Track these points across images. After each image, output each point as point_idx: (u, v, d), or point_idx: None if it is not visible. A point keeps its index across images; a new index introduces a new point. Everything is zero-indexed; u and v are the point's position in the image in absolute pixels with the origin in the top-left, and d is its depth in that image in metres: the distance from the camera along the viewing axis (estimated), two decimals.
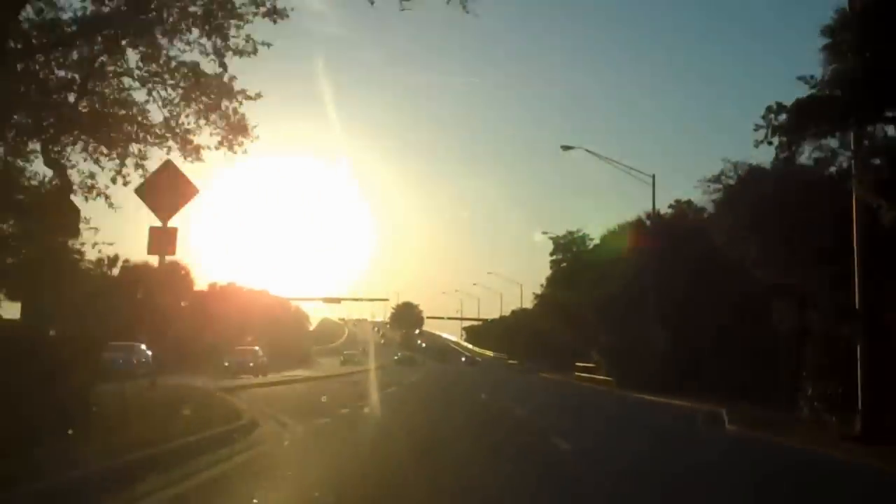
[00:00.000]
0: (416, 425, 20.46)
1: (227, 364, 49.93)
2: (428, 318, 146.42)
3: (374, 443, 16.26)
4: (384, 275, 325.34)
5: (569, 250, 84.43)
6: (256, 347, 56.30)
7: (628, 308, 48.83)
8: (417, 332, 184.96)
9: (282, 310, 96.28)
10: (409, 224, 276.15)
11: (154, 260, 18.02)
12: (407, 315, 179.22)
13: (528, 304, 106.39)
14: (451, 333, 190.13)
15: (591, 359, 71.22)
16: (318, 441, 16.47)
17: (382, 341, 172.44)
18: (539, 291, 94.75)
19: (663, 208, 52.84)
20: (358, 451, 14.67)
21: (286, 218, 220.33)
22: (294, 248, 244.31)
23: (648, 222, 50.16)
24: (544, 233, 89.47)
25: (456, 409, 28.08)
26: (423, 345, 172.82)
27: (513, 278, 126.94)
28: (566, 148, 47.99)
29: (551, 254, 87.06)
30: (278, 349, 74.81)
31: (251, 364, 51.11)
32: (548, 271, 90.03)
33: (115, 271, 59.33)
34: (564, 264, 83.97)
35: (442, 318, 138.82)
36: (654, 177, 46.92)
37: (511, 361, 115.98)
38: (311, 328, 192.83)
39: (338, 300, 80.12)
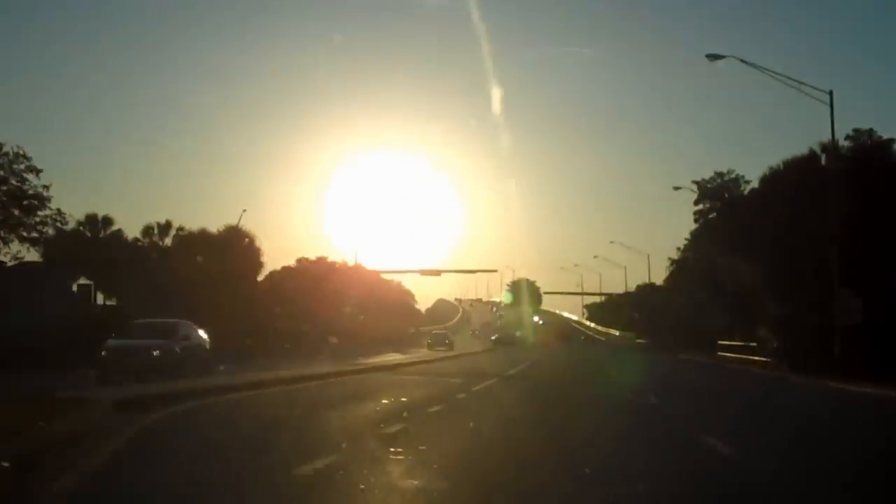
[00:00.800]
0: None
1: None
2: (545, 293, 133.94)
3: None
4: (498, 251, 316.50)
5: (718, 197, 69.81)
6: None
7: (797, 271, 37.58)
8: (535, 310, 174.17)
9: (381, 287, 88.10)
10: (525, 198, 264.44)
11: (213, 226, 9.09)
12: (523, 293, 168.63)
13: (658, 275, 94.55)
14: (572, 312, 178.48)
15: (740, 336, 59.76)
16: None
17: (499, 322, 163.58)
18: (675, 256, 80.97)
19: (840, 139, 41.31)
20: None
21: (396, 194, 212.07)
22: (404, 225, 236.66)
23: (824, 157, 38.66)
24: (677, 188, 70.03)
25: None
26: (541, 322, 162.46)
27: (639, 248, 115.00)
28: (713, 57, 36.66)
29: (696, 202, 72.65)
30: (373, 331, 66.74)
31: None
32: (681, 236, 77.44)
33: (168, 241, 52.36)
34: (713, 215, 69.50)
35: (561, 293, 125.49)
36: (831, 94, 35.24)
37: (640, 340, 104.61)
38: (426, 308, 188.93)
39: (437, 272, 70.71)
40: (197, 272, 42.10)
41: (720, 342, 63.51)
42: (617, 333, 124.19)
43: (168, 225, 53.26)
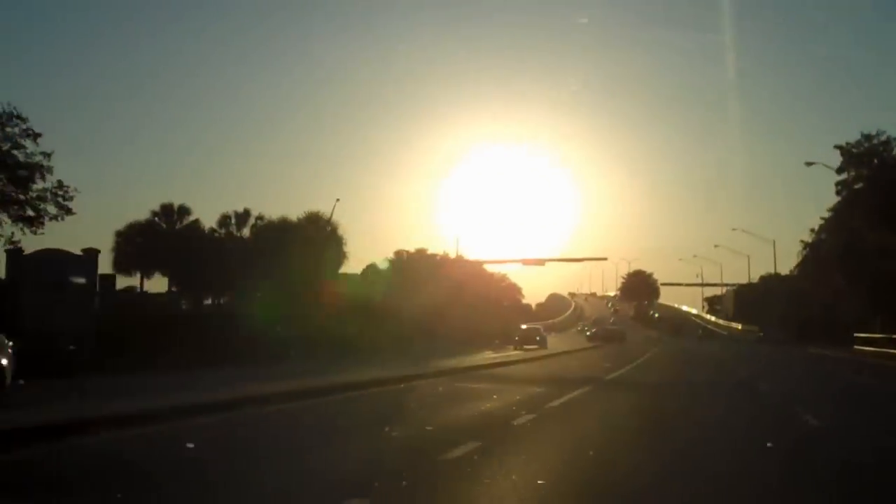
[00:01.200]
0: None
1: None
2: (662, 284, 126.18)
3: None
4: (614, 242, 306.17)
5: (867, 163, 57.70)
6: None
7: None
8: (650, 303, 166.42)
9: (485, 280, 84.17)
10: (642, 188, 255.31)
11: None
12: (639, 285, 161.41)
13: (786, 264, 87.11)
14: (692, 306, 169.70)
15: (882, 327, 53.03)
16: None
17: (612, 319, 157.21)
18: (808, 239, 70.35)
19: None
20: None
21: (506, 186, 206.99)
22: (513, 217, 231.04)
23: None
24: (809, 163, 60.35)
25: None
26: (657, 315, 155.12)
27: (764, 235, 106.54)
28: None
29: (838, 171, 59.97)
30: (475, 326, 62.72)
31: None
32: (811, 222, 69.28)
33: (246, 231, 49.65)
34: (859, 185, 58.02)
35: (679, 284, 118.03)
36: None
37: (762, 334, 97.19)
38: (537, 303, 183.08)
39: (541, 261, 65.78)
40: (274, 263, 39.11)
41: (858, 335, 56.74)
42: (739, 327, 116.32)
43: (246, 214, 50.69)
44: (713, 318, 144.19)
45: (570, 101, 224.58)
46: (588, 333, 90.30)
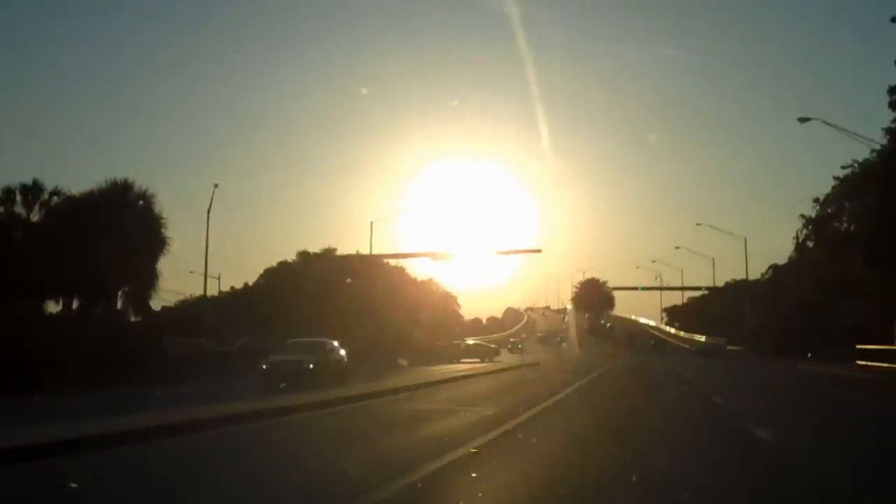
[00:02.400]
0: None
1: None
2: (614, 289, 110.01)
3: None
4: (570, 254, 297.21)
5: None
6: None
7: None
8: (603, 314, 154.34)
9: (409, 287, 71.57)
10: (599, 199, 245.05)
11: None
12: (592, 295, 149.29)
13: (759, 267, 75.51)
14: (650, 318, 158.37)
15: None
16: None
17: (559, 336, 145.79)
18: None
19: None
20: None
21: (453, 199, 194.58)
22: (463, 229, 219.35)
23: None
24: (803, 119, 40.70)
25: None
26: (608, 325, 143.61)
27: (732, 231, 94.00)
28: None
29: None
30: (376, 343, 50.31)
31: None
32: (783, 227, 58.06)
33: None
34: (855, 168, 42.98)
35: (634, 288, 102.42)
36: None
37: (732, 347, 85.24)
38: (488, 318, 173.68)
39: (447, 256, 53.60)
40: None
41: (861, 346, 44.95)
42: (703, 339, 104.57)
43: (37, 188, 36.23)
44: (672, 330, 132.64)
45: (527, 114, 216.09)
46: (509, 345, 79.42)
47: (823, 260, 43.95)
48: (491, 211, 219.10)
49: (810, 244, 47.01)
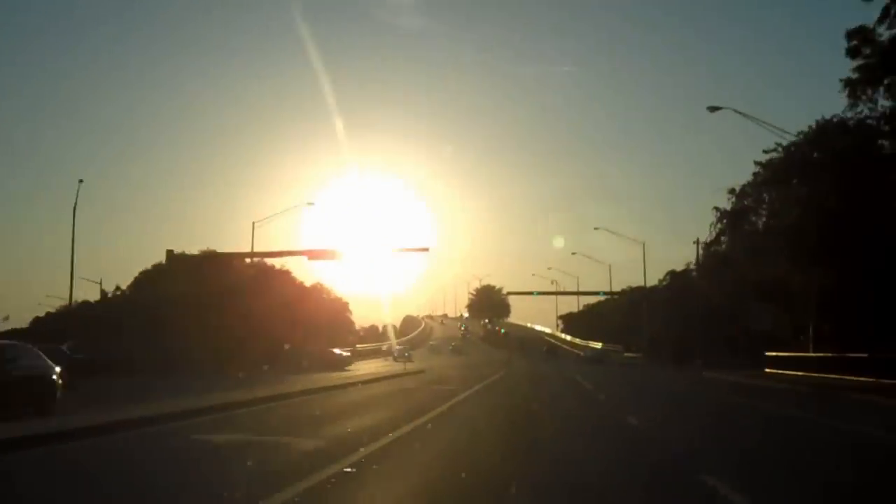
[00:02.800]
0: None
1: None
2: (509, 294, 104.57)
3: None
4: (468, 262, 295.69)
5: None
6: None
7: None
8: (496, 321, 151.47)
9: (293, 290, 66.23)
10: (497, 209, 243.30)
11: None
12: (487, 301, 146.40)
13: (657, 273, 73.06)
14: (546, 325, 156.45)
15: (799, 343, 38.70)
16: None
17: (465, 336, 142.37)
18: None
19: None
20: None
21: (351, 210, 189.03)
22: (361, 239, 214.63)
23: None
24: (713, 108, 35.19)
25: None
26: (503, 331, 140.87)
27: (630, 236, 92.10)
28: None
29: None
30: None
31: None
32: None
33: None
34: (779, 152, 37.81)
35: (530, 293, 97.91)
36: None
37: (629, 354, 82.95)
38: (389, 324, 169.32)
39: (333, 254, 48.56)
40: None
41: (770, 353, 42.25)
42: (599, 346, 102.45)
43: None
44: (568, 337, 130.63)
45: (425, 130, 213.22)
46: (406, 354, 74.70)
47: (738, 258, 40.72)
48: (387, 219, 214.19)
49: (724, 240, 43.74)
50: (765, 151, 35.89)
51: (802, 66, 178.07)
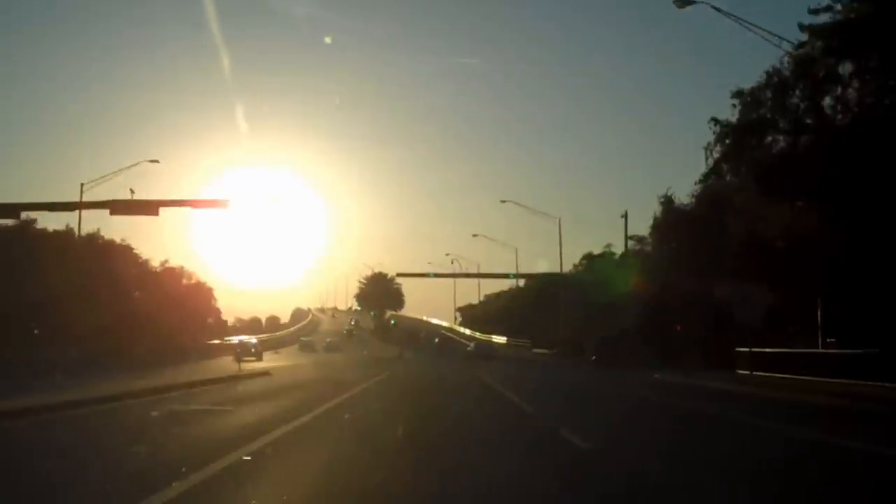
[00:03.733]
0: None
1: None
2: (399, 275, 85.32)
3: None
4: (360, 251, 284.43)
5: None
6: None
7: None
8: (382, 313, 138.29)
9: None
10: (393, 198, 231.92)
11: None
12: (378, 291, 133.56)
13: (571, 257, 61.95)
14: (444, 318, 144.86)
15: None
16: None
17: (353, 330, 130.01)
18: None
19: None
20: None
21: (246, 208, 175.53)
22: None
23: None
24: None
25: None
26: (393, 322, 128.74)
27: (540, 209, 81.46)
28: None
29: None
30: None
31: None
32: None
33: None
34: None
35: (426, 275, 76.46)
36: None
37: (540, 350, 71.86)
38: (269, 316, 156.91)
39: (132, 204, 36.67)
40: None
41: (741, 350, 31.53)
42: (503, 340, 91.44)
43: None
44: (467, 331, 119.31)
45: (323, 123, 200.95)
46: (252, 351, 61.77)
47: (749, 194, 29.02)
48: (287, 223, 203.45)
49: (726, 168, 31.36)
50: (811, 11, 24.45)
51: None
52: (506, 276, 67.36)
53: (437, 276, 65.35)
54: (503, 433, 14.05)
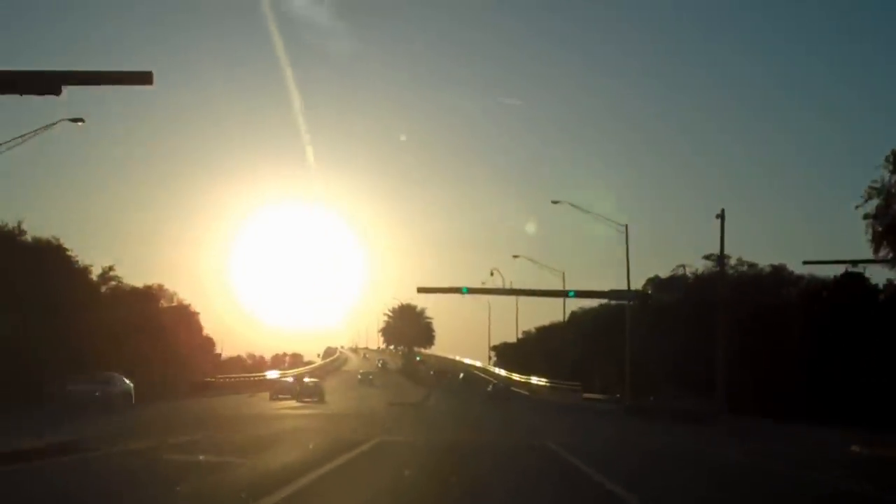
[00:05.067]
0: None
1: None
2: (421, 290, 67.05)
3: None
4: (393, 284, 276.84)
5: None
6: None
7: None
8: (410, 351, 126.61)
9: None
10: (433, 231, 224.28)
11: None
12: (407, 326, 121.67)
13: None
14: (477, 358, 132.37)
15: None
16: None
17: (370, 376, 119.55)
18: None
19: None
20: None
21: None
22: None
23: None
24: None
25: None
26: (419, 359, 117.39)
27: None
28: None
29: None
30: None
31: None
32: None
33: None
34: None
35: (458, 290, 53.02)
36: None
37: (591, 396, 59.91)
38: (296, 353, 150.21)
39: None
40: None
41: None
42: (543, 382, 79.19)
43: None
44: (503, 372, 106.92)
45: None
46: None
47: None
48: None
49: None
50: None
51: None
52: (562, 293, 53.54)
53: (471, 291, 52.96)
54: None
